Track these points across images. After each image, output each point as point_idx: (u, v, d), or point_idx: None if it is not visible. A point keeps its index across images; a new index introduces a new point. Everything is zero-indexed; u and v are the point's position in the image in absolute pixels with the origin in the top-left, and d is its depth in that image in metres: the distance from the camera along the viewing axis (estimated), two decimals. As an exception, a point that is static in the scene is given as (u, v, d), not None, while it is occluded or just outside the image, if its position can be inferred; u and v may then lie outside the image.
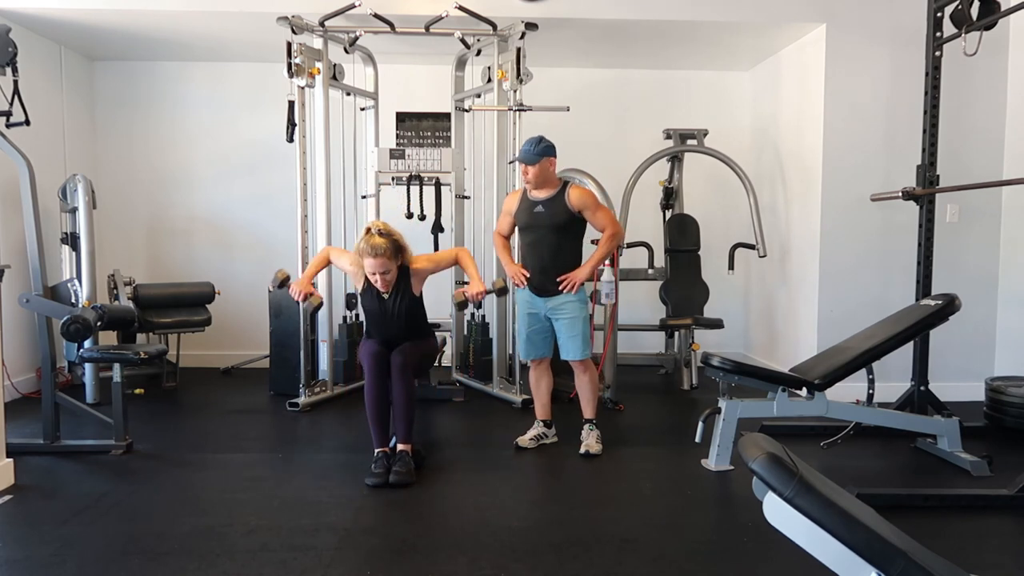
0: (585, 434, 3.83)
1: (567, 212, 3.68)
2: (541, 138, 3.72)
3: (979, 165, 4.79)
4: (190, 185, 6.04)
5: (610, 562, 2.56)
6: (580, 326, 3.72)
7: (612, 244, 3.76)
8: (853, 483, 3.00)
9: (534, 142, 3.68)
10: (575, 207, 3.67)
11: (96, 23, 4.98)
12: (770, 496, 1.62)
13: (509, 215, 3.91)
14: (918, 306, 3.79)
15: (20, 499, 3.13)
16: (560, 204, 3.68)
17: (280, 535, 2.76)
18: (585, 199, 3.71)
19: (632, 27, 5.00)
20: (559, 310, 3.73)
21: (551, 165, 3.72)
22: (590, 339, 3.82)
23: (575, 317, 3.71)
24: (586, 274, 3.74)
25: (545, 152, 3.68)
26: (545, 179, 3.71)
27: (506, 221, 3.95)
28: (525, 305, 3.87)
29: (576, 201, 3.68)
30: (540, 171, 3.67)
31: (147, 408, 4.71)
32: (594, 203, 3.74)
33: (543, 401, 3.96)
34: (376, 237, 3.42)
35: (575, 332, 3.72)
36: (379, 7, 4.61)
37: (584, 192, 3.74)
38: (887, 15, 4.78)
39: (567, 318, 3.72)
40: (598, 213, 3.73)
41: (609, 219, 3.77)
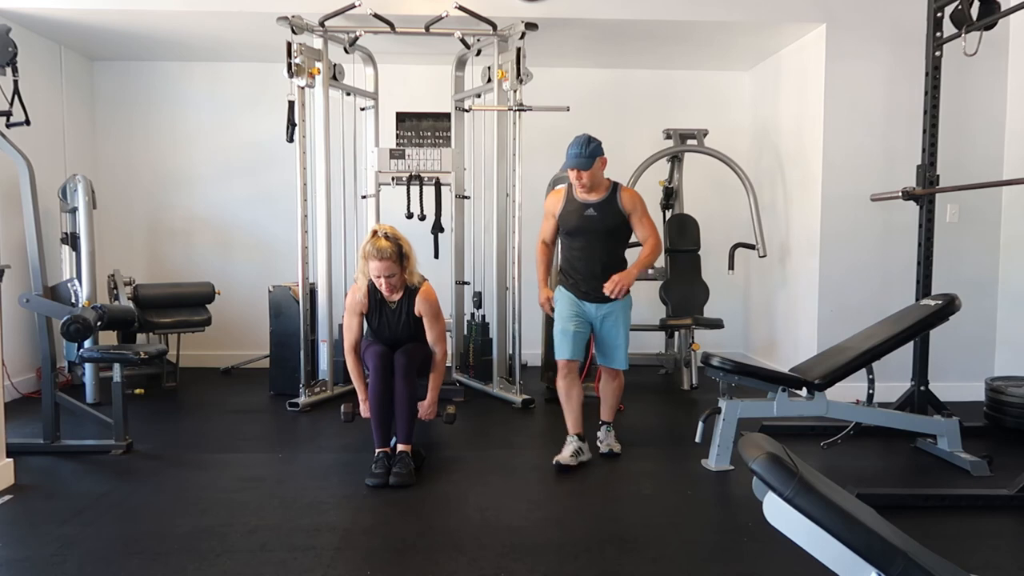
0: (604, 435, 3.79)
1: (620, 215, 3.55)
2: (589, 138, 3.53)
3: (979, 165, 4.79)
4: (190, 185, 6.04)
5: (610, 562, 2.56)
6: (624, 334, 3.60)
7: (655, 255, 3.58)
8: (853, 483, 3.01)
9: (583, 143, 3.50)
10: (627, 209, 3.55)
11: (96, 23, 4.98)
12: (770, 496, 1.62)
13: (553, 218, 3.68)
14: (918, 306, 3.79)
15: (20, 499, 3.13)
16: (613, 207, 3.54)
17: (280, 535, 2.76)
18: (636, 202, 3.58)
19: (632, 27, 5.00)
20: (610, 317, 3.58)
21: (603, 165, 3.57)
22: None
23: (626, 324, 3.61)
24: (633, 278, 3.53)
25: (596, 152, 3.51)
26: (597, 181, 3.56)
27: (550, 225, 3.71)
28: (570, 304, 3.60)
29: (628, 203, 3.55)
30: (593, 173, 3.51)
31: (147, 408, 4.71)
32: (643, 208, 3.60)
33: (577, 414, 3.66)
34: (382, 240, 3.40)
35: (620, 341, 3.60)
36: (379, 7, 4.61)
37: (635, 195, 3.60)
38: (887, 15, 4.78)
39: (617, 325, 3.59)
40: (644, 219, 3.59)
41: (653, 228, 3.62)
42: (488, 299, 5.17)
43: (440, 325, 3.65)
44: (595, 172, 3.51)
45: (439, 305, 3.66)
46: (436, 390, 3.65)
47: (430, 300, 3.58)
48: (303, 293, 4.80)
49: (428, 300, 3.57)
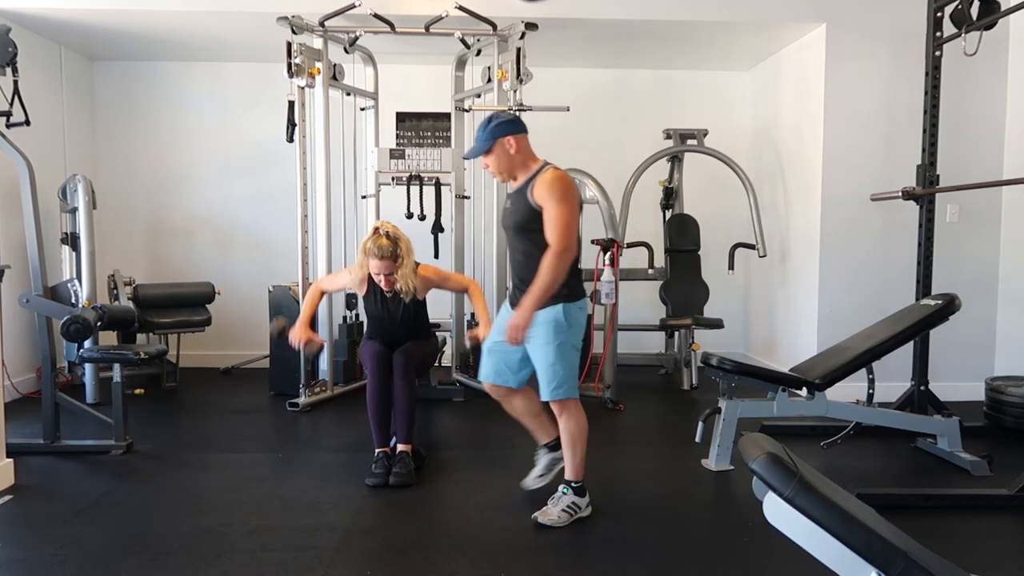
0: (554, 499, 2.91)
1: (529, 209, 2.77)
2: (491, 116, 2.86)
3: (979, 165, 4.79)
4: (190, 185, 6.04)
5: (610, 562, 2.56)
6: (553, 356, 2.79)
7: (558, 266, 2.70)
8: (853, 483, 3.00)
9: (482, 124, 2.85)
10: (536, 202, 2.75)
11: (96, 23, 4.98)
12: (770, 496, 1.62)
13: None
14: (918, 306, 3.79)
15: (20, 499, 3.13)
16: (523, 198, 2.79)
17: (280, 535, 2.76)
18: (548, 192, 2.72)
19: (632, 27, 5.00)
20: (532, 333, 2.81)
21: (513, 146, 2.80)
22: (576, 371, 2.88)
23: (546, 344, 2.79)
24: (526, 316, 2.75)
25: (497, 132, 2.80)
26: (511, 165, 2.84)
27: None
28: (501, 316, 3.00)
29: (537, 194, 2.74)
30: (497, 158, 2.83)
31: (147, 408, 4.71)
32: (556, 199, 2.71)
33: (532, 423, 3.15)
34: (383, 238, 3.43)
35: (544, 365, 2.82)
36: (379, 7, 4.61)
37: (552, 182, 2.73)
38: (887, 15, 4.78)
39: (540, 346, 2.81)
40: (552, 215, 2.71)
41: (561, 230, 2.71)
42: (488, 299, 5.15)
43: (453, 278, 3.82)
44: (499, 157, 2.82)
45: (438, 270, 3.76)
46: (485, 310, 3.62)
47: (430, 275, 3.64)
48: (303, 293, 4.80)
49: (429, 277, 3.63)
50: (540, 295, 2.72)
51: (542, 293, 2.72)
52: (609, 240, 4.72)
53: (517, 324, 2.76)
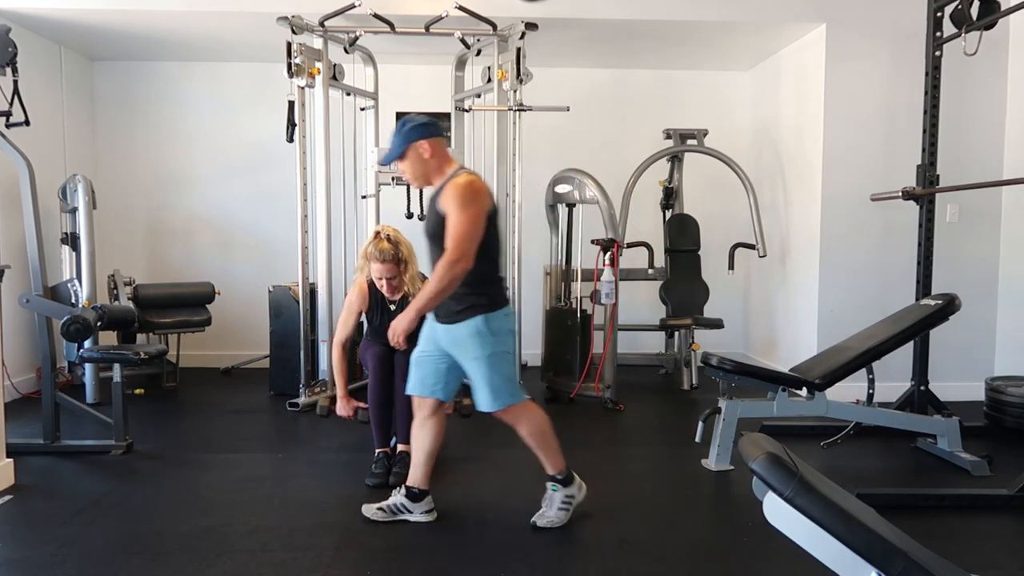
0: (547, 500, 2.91)
1: (437, 216, 2.67)
2: (405, 120, 2.77)
3: (979, 165, 4.79)
4: (190, 185, 6.04)
5: (610, 562, 2.56)
6: (485, 368, 2.71)
7: (449, 276, 2.57)
8: (853, 483, 3.00)
9: (396, 129, 2.76)
10: (443, 208, 2.65)
11: (96, 23, 4.98)
12: (770, 496, 1.62)
13: None
14: (918, 306, 3.79)
15: (20, 499, 3.13)
16: (434, 205, 2.71)
17: (280, 535, 2.76)
18: (451, 198, 2.62)
19: (632, 27, 5.00)
20: (456, 344, 2.75)
21: (427, 151, 2.71)
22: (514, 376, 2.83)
23: (476, 359, 2.71)
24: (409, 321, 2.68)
25: (410, 137, 2.71)
26: (426, 170, 2.75)
27: None
28: (427, 324, 2.87)
29: (442, 199, 2.65)
30: (412, 164, 2.74)
31: (147, 408, 4.71)
32: (458, 205, 2.60)
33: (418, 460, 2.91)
34: (384, 242, 3.40)
35: (478, 377, 2.74)
36: (379, 7, 4.61)
37: (457, 188, 2.62)
38: (887, 15, 4.78)
39: (469, 360, 2.74)
40: (453, 221, 2.60)
41: (457, 236, 2.58)
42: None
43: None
44: (413, 162, 2.73)
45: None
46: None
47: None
48: (303, 293, 4.80)
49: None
50: (426, 303, 2.64)
51: (428, 301, 2.63)
52: (609, 240, 4.72)
53: (397, 327, 2.69)
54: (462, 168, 2.77)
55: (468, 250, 2.60)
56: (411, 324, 2.69)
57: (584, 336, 4.93)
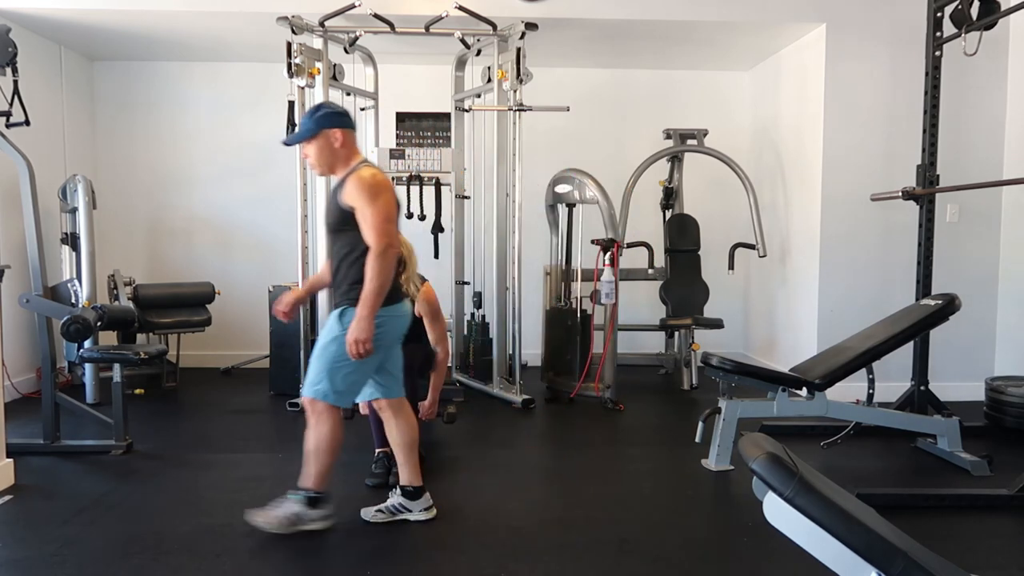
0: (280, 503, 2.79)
1: (339, 209, 2.67)
2: (320, 105, 2.80)
3: (979, 165, 4.79)
4: (190, 185, 6.04)
5: (610, 562, 2.56)
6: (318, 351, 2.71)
7: (384, 266, 2.58)
8: (853, 483, 3.00)
9: (308, 113, 2.75)
10: (346, 202, 2.64)
11: (96, 23, 4.98)
12: (770, 496, 1.62)
13: None
14: (918, 306, 3.79)
15: (20, 499, 3.13)
16: (336, 197, 2.70)
17: (280, 535, 2.75)
18: (354, 191, 2.61)
19: (632, 27, 5.00)
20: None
21: (339, 139, 2.70)
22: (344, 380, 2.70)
23: (330, 340, 2.69)
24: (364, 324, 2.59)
25: (323, 123, 2.70)
26: (333, 159, 2.73)
27: None
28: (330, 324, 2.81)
29: (347, 194, 2.64)
30: (320, 149, 2.71)
31: (147, 408, 4.71)
32: (366, 199, 2.59)
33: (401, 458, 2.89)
34: None
35: (312, 358, 2.74)
36: (379, 7, 4.61)
37: (361, 181, 2.62)
38: (887, 15, 4.78)
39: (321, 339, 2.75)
40: (362, 215, 2.60)
41: (376, 227, 2.58)
42: (488, 299, 5.17)
43: (440, 325, 3.65)
44: (322, 148, 2.70)
45: (439, 305, 3.65)
46: (437, 390, 3.65)
47: (430, 300, 3.58)
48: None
49: (428, 301, 3.57)
50: (371, 299, 2.58)
51: (373, 297, 2.58)
52: (609, 240, 4.72)
53: (354, 339, 2.57)
54: (365, 161, 2.76)
55: (391, 234, 2.63)
56: (367, 329, 2.58)
57: (584, 336, 4.93)
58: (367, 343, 2.59)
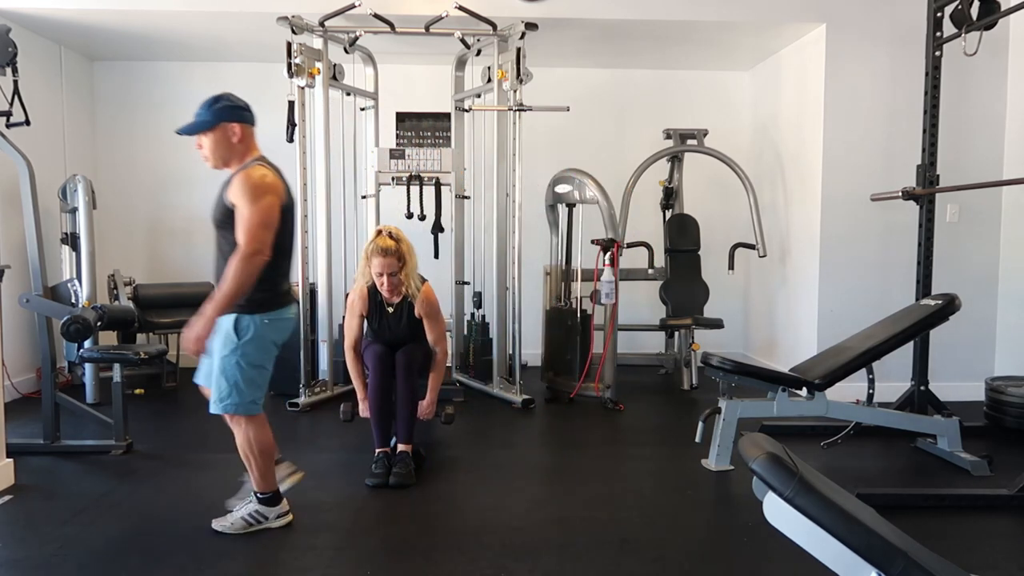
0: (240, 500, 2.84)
1: (223, 206, 2.60)
2: (220, 96, 2.65)
3: (979, 165, 4.79)
4: (190, 185, 6.03)
5: (610, 562, 2.56)
6: (218, 367, 2.65)
7: (244, 271, 2.48)
8: (853, 483, 3.00)
9: (207, 103, 2.62)
10: (230, 200, 2.57)
11: (96, 23, 4.98)
12: (770, 496, 1.62)
13: None
14: (918, 306, 3.79)
15: (20, 499, 3.13)
16: (222, 191, 2.63)
17: (280, 535, 2.76)
18: (238, 188, 2.54)
19: (632, 27, 5.00)
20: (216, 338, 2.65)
21: (237, 134, 2.63)
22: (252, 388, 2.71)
23: (217, 355, 2.65)
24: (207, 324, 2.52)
25: (226, 115, 2.61)
26: (228, 153, 2.64)
27: None
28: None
29: (232, 192, 2.56)
30: (215, 142, 2.62)
31: (147, 408, 4.71)
32: (245, 197, 2.53)
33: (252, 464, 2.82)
34: (386, 239, 3.43)
35: (213, 374, 2.67)
36: (379, 7, 4.61)
37: (244, 179, 2.55)
38: (887, 15, 4.78)
39: (215, 354, 2.66)
40: (238, 216, 2.54)
41: (249, 229, 2.50)
42: (488, 299, 5.17)
43: (440, 326, 3.65)
44: (219, 140, 2.62)
45: (439, 306, 3.65)
46: (435, 390, 3.65)
47: (430, 300, 3.58)
48: (303, 293, 4.79)
49: (428, 301, 3.57)
50: (223, 301, 2.49)
51: (225, 299, 2.49)
52: (609, 240, 4.72)
53: (192, 335, 2.51)
54: (261, 159, 2.67)
55: (264, 240, 2.52)
56: (207, 326, 2.51)
57: (584, 336, 4.93)
58: (202, 342, 2.53)
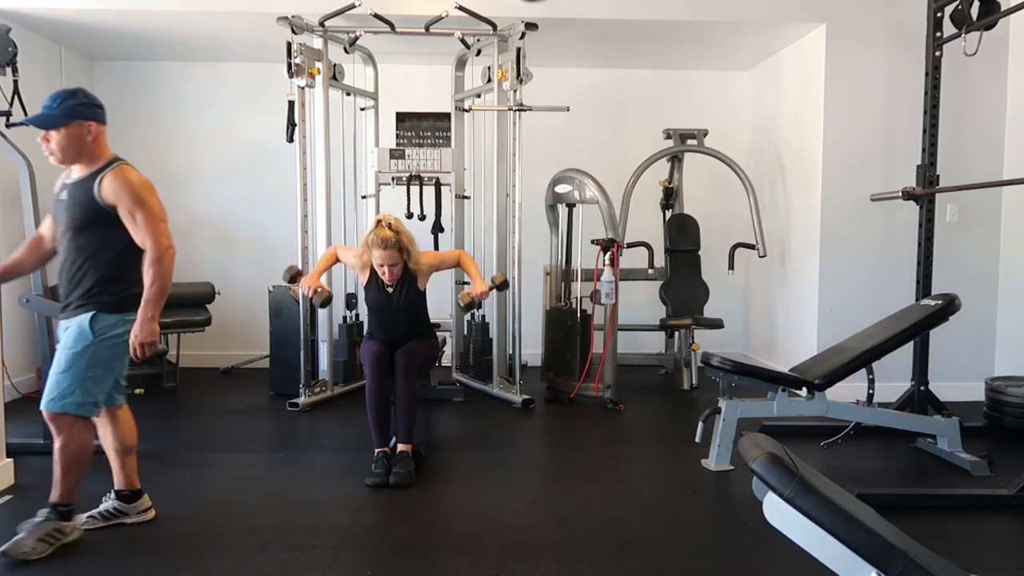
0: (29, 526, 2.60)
1: (93, 206, 2.54)
2: (75, 91, 2.59)
3: (979, 165, 4.79)
4: (190, 185, 6.04)
5: (610, 562, 2.56)
6: (64, 362, 2.55)
7: (168, 266, 2.60)
8: (853, 483, 3.00)
9: (61, 97, 2.54)
10: (107, 200, 2.53)
11: (96, 23, 4.98)
12: (770, 496, 1.62)
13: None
14: (918, 306, 3.79)
15: (20, 499, 3.13)
16: (86, 193, 2.54)
17: (280, 535, 2.76)
18: (124, 189, 2.53)
19: (632, 27, 5.00)
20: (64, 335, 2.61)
21: (91, 133, 2.58)
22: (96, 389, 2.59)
23: (64, 348, 2.57)
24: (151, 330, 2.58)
25: (83, 112, 2.55)
26: (79, 151, 2.57)
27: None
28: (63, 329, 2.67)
29: (108, 191, 2.52)
30: (67, 138, 2.54)
31: (147, 408, 4.69)
32: (137, 197, 2.55)
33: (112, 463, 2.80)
34: (386, 230, 3.46)
35: (54, 368, 2.57)
36: (379, 7, 4.61)
37: (131, 180, 2.56)
38: (887, 15, 4.78)
39: (58, 349, 2.60)
40: (136, 217, 2.55)
41: (156, 230, 2.59)
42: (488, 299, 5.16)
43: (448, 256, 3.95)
44: (71, 138, 2.54)
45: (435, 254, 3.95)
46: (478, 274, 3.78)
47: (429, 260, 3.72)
48: (303, 293, 4.79)
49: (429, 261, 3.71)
50: (157, 303, 2.57)
51: (159, 301, 2.57)
52: (609, 240, 4.72)
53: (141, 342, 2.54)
54: (118, 159, 2.65)
55: (169, 234, 2.65)
56: (155, 332, 2.58)
57: (584, 336, 4.93)
58: (154, 345, 2.59)
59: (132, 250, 2.62)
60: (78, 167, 2.61)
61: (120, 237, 2.59)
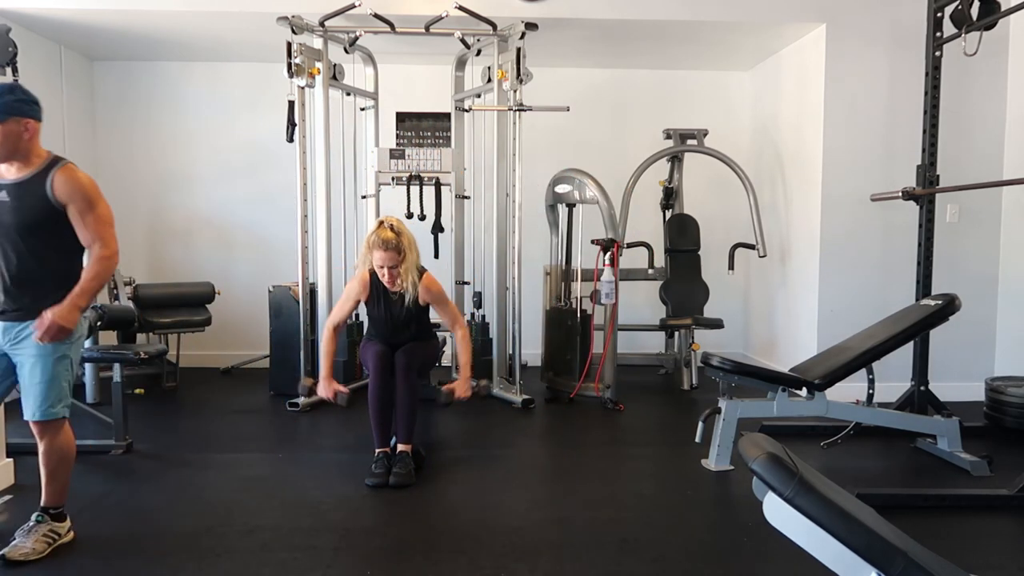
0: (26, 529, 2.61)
1: (46, 205, 2.51)
2: (13, 87, 2.58)
3: (979, 165, 4.79)
4: (190, 185, 6.04)
5: (610, 562, 2.56)
6: (53, 369, 2.55)
7: (109, 268, 2.62)
8: (853, 483, 3.00)
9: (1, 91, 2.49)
10: (61, 199, 2.51)
11: (96, 23, 4.98)
12: (770, 496, 1.62)
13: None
14: (918, 306, 3.79)
15: (20, 499, 3.13)
16: (38, 191, 2.50)
17: (280, 535, 2.76)
18: (75, 190, 2.52)
19: (632, 27, 5.00)
20: (22, 346, 2.55)
21: (29, 131, 2.50)
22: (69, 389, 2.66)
23: (47, 356, 2.54)
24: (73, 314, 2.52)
25: (22, 110, 2.49)
26: (15, 150, 2.49)
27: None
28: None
29: (62, 190, 2.50)
30: (7, 136, 2.46)
31: (147, 408, 4.71)
32: (90, 197, 2.55)
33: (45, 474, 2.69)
34: (387, 231, 3.43)
35: (44, 378, 2.55)
36: (379, 7, 4.61)
37: (83, 182, 2.55)
38: (887, 15, 4.78)
39: (32, 357, 2.54)
40: (88, 217, 2.55)
41: (106, 232, 2.61)
42: (488, 299, 5.17)
43: (451, 308, 3.70)
44: (8, 135, 2.46)
45: (443, 291, 3.67)
46: (467, 366, 3.63)
47: (431, 289, 3.58)
48: (303, 293, 4.80)
49: (430, 290, 3.57)
50: (89, 297, 2.55)
51: (91, 296, 2.56)
52: (609, 240, 4.72)
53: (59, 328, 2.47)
54: (61, 158, 2.59)
55: (116, 238, 2.66)
56: (74, 320, 2.52)
57: (584, 336, 4.93)
58: (65, 332, 2.51)
59: (77, 250, 2.62)
60: (12, 166, 2.53)
61: (68, 236, 2.58)
